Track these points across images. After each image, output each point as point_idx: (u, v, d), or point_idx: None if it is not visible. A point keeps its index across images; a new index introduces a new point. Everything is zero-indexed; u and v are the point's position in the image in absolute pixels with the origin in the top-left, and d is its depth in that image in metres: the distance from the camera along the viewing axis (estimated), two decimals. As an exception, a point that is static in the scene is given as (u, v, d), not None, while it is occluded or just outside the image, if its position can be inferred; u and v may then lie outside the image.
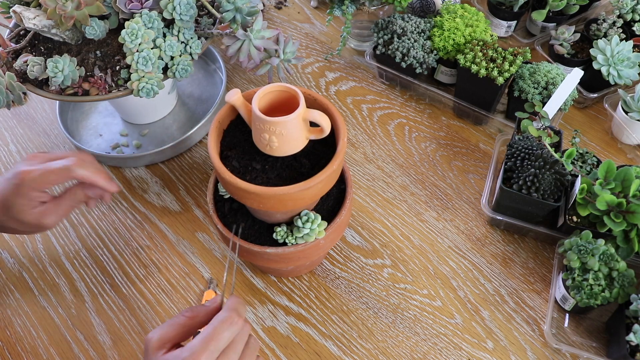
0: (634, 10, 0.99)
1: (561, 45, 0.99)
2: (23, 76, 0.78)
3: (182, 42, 0.76)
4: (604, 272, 0.68)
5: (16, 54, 0.79)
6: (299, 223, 0.65)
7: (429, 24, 0.96)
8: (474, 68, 0.87)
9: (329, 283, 0.79)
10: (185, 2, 0.73)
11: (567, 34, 0.98)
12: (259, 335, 0.75)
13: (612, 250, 0.69)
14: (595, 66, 0.91)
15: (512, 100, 0.91)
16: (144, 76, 0.73)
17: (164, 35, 0.75)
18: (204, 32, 0.78)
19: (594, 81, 0.94)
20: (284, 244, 0.67)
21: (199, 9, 0.80)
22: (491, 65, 0.87)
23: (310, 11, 1.21)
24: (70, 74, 0.74)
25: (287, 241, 0.66)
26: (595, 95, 0.95)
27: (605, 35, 0.97)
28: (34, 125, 1.02)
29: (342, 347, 0.73)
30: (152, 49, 0.73)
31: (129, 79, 0.75)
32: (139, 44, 0.71)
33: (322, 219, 0.67)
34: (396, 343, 0.74)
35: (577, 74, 0.83)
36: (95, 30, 0.73)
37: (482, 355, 0.72)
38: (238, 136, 0.64)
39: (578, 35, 0.99)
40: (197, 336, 0.51)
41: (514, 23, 1.07)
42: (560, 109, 0.85)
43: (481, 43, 0.91)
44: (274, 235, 0.67)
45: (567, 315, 0.75)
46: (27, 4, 0.75)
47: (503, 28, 1.08)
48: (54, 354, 0.74)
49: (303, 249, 0.66)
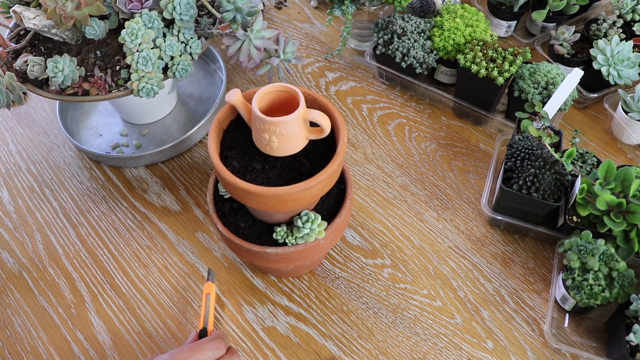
0: (634, 10, 0.99)
1: (561, 45, 0.99)
2: (23, 76, 0.78)
3: (182, 42, 0.76)
4: (604, 272, 0.68)
5: (16, 54, 0.79)
6: (299, 223, 0.65)
7: (429, 24, 0.96)
8: (474, 68, 0.87)
9: (329, 283, 0.79)
10: (185, 2, 0.73)
11: (567, 34, 0.98)
12: (259, 335, 0.75)
13: (612, 250, 0.69)
14: (595, 66, 0.91)
15: (512, 100, 0.91)
16: (144, 76, 0.73)
17: (164, 35, 0.75)
18: (204, 32, 0.78)
19: (594, 81, 0.94)
20: (284, 244, 0.67)
21: (199, 9, 0.80)
22: (491, 65, 0.87)
23: (310, 11, 1.21)
24: (70, 74, 0.74)
25: (287, 241, 0.66)
26: (595, 95, 0.95)
27: (605, 35, 0.97)
28: (34, 125, 1.02)
29: (342, 347, 0.73)
30: (152, 49, 0.73)
31: (129, 79, 0.75)
32: (139, 44, 0.71)
33: (322, 219, 0.67)
34: (396, 343, 0.74)
35: (577, 74, 0.83)
36: (95, 30, 0.73)
37: (482, 355, 0.72)
38: (238, 136, 0.64)
39: (578, 35, 0.99)
40: (183, 345, 0.53)
41: (514, 23, 1.07)
42: (560, 109, 0.85)
43: (481, 43, 0.91)
44: (274, 235, 0.67)
45: (567, 315, 0.75)
46: (27, 4, 0.75)
47: (503, 28, 1.08)
48: (54, 354, 0.74)
49: (303, 249, 0.66)
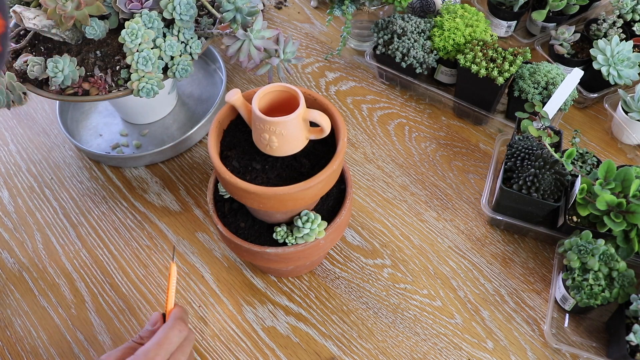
0: (634, 10, 0.99)
1: (561, 45, 0.99)
2: (23, 76, 0.78)
3: (182, 42, 0.76)
4: (604, 272, 0.68)
5: (16, 53, 0.79)
6: (299, 223, 0.65)
7: (429, 24, 0.96)
8: (474, 68, 0.87)
9: (329, 283, 0.79)
10: (185, 2, 0.73)
11: (567, 34, 0.98)
12: (259, 335, 0.75)
13: (612, 250, 0.69)
14: (595, 66, 0.91)
15: (512, 100, 0.91)
16: (144, 76, 0.73)
17: (164, 35, 0.75)
18: (204, 32, 0.78)
19: (594, 81, 0.94)
20: (284, 244, 0.67)
21: (199, 9, 0.80)
22: (491, 65, 0.87)
23: (310, 11, 1.21)
24: (70, 74, 0.74)
25: (287, 241, 0.66)
26: (595, 95, 0.95)
27: (605, 35, 0.97)
28: (34, 125, 1.02)
29: (342, 347, 0.73)
30: (152, 49, 0.73)
31: (129, 79, 0.75)
32: (139, 44, 0.71)
33: (322, 219, 0.67)
34: (396, 343, 0.74)
35: (577, 74, 0.83)
36: (95, 30, 0.73)
37: (482, 355, 0.72)
38: (238, 136, 0.64)
39: (578, 35, 0.99)
40: (149, 341, 0.55)
41: (514, 23, 1.07)
42: (560, 109, 0.85)
43: (481, 43, 0.91)
44: (274, 235, 0.67)
45: (567, 315, 0.75)
46: (27, 4, 0.75)
47: (503, 28, 1.08)
48: (54, 354, 0.74)
49: (303, 249, 0.66)
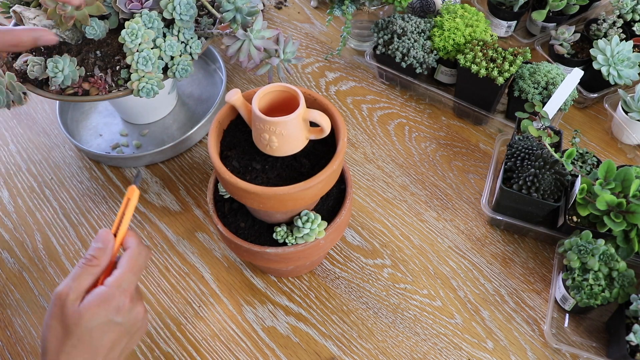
0: (634, 10, 0.99)
1: (561, 45, 0.99)
2: (23, 76, 0.78)
3: (182, 42, 0.76)
4: (604, 272, 0.68)
5: (16, 54, 0.79)
6: (299, 223, 0.65)
7: (429, 24, 0.96)
8: (474, 68, 0.87)
9: (329, 283, 0.79)
10: (185, 2, 0.73)
11: (567, 34, 0.98)
12: (259, 335, 0.75)
13: (612, 250, 0.69)
14: (595, 66, 0.91)
15: (512, 100, 0.91)
16: (144, 76, 0.73)
17: (164, 35, 0.76)
18: (204, 32, 0.78)
19: (594, 81, 0.94)
20: (284, 244, 0.67)
21: (199, 9, 0.80)
22: (491, 65, 0.87)
23: (310, 11, 1.21)
24: (70, 74, 0.74)
25: (287, 241, 0.66)
26: (595, 95, 0.95)
27: (605, 35, 0.97)
28: (34, 125, 1.02)
29: (342, 347, 0.73)
30: (152, 49, 0.73)
31: (129, 79, 0.75)
32: (139, 44, 0.71)
33: (322, 219, 0.67)
34: (396, 343, 0.74)
35: (577, 74, 0.83)
36: (95, 30, 0.73)
37: (482, 355, 0.72)
38: (238, 136, 0.64)
39: (578, 35, 0.99)
40: (120, 268, 0.53)
41: (514, 23, 1.07)
42: (560, 109, 0.85)
43: (481, 43, 0.91)
44: (274, 235, 0.67)
45: (567, 315, 0.75)
46: (27, 4, 0.75)
47: (503, 28, 1.08)
48: (54, 354, 0.74)
49: (303, 249, 0.66)
